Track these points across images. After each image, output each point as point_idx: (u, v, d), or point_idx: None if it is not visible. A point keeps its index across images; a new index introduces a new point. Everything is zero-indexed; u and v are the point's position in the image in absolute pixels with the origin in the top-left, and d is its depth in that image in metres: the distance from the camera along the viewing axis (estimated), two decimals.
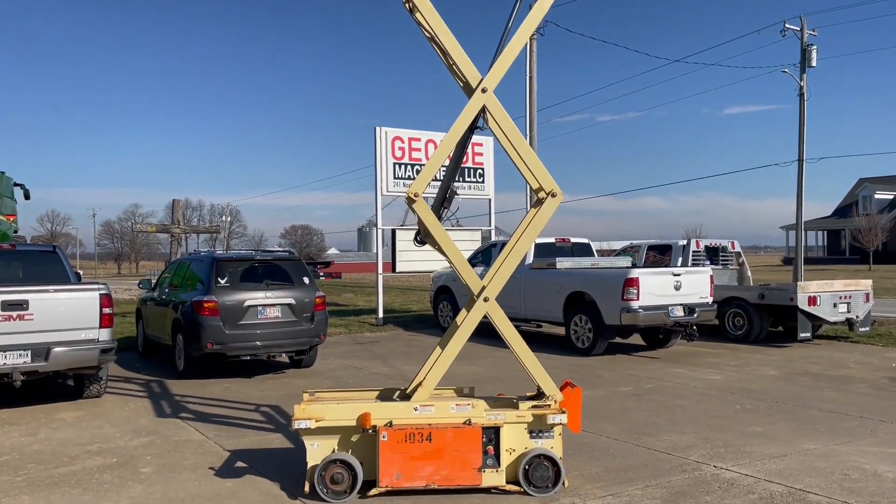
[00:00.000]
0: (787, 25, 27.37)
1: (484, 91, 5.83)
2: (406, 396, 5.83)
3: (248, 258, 11.49)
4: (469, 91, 5.91)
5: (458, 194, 6.62)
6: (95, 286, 8.76)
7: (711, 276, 13.29)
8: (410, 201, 5.72)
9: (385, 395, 6.09)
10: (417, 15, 5.89)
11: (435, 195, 6.53)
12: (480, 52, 6.11)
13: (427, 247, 6.61)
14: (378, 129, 18.99)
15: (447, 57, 5.99)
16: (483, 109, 5.90)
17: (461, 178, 19.52)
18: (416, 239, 6.34)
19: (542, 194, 5.95)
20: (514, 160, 5.98)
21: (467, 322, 5.84)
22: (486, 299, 5.79)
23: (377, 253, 20.06)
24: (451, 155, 6.30)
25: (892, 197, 65.59)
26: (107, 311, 8.64)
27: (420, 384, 5.75)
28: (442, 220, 6.17)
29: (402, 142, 19.27)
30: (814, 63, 27.22)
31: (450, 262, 5.94)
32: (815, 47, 27.25)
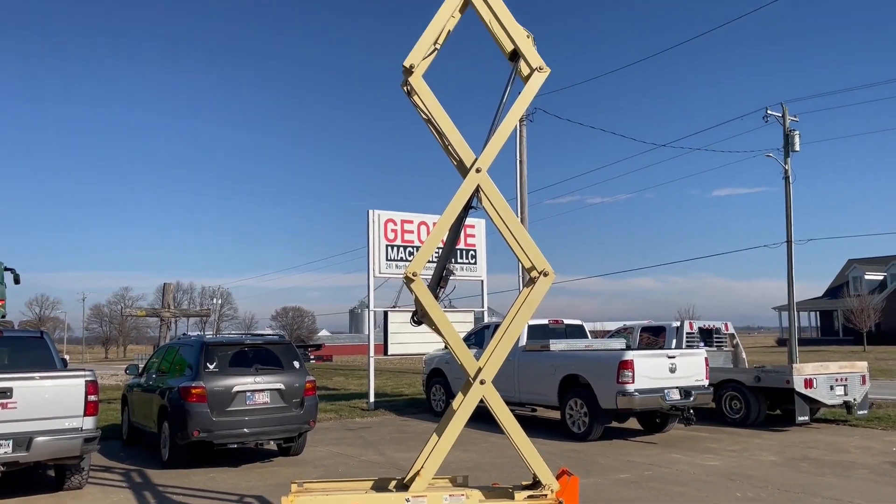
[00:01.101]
0: (769, 112, 28.19)
1: (478, 171, 5.94)
2: (404, 486, 5.65)
3: (237, 342, 11.34)
4: (464, 170, 6.02)
5: (454, 274, 6.65)
6: (81, 373, 8.60)
7: (706, 359, 13.19)
8: (409, 281, 5.72)
9: (380, 486, 5.90)
10: (415, 97, 6.07)
11: (430, 275, 6.54)
12: (474, 135, 6.26)
13: (420, 329, 6.56)
14: (371, 211, 19.18)
15: (443, 138, 6.15)
16: (477, 189, 6.00)
17: (453, 260, 19.60)
18: (413, 319, 6.30)
19: (534, 273, 5.97)
20: (507, 239, 6.04)
21: (464, 406, 5.73)
22: (482, 382, 5.71)
23: (369, 335, 19.90)
24: (445, 236, 6.35)
25: (881, 277, 66.09)
26: (92, 398, 8.44)
27: (417, 473, 5.58)
28: (438, 301, 6.15)
29: (395, 224, 19.45)
30: (797, 148, 27.88)
31: (447, 343, 5.89)
32: (797, 132, 27.97)
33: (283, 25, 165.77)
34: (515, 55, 6.31)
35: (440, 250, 6.70)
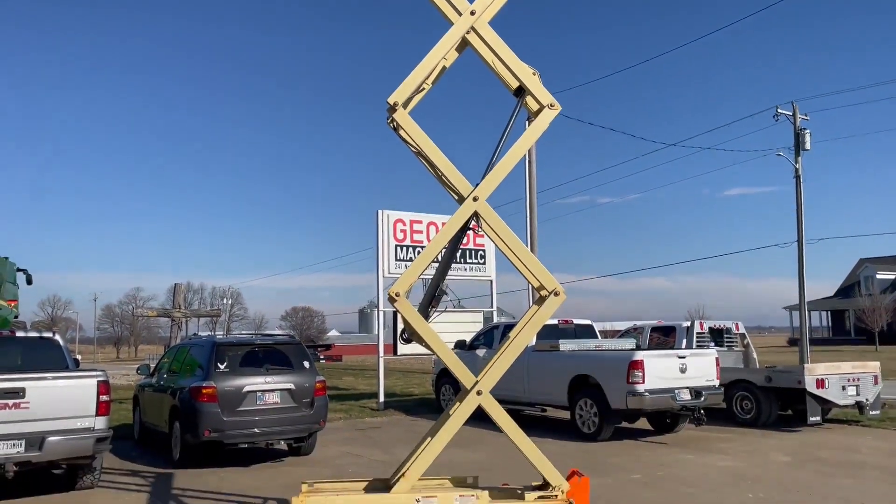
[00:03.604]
0: (779, 111, 27.94)
1: (475, 199, 5.81)
2: (388, 487, 5.65)
3: (248, 342, 11.39)
4: (461, 199, 5.90)
5: (447, 294, 6.55)
6: (93, 373, 8.65)
7: (717, 359, 13.14)
8: (392, 300, 5.69)
9: (374, 486, 5.90)
10: (402, 132, 5.89)
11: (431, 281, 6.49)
12: (465, 161, 6.15)
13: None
14: (380, 211, 19.18)
15: (435, 170, 5.99)
16: (475, 215, 5.89)
17: (462, 260, 19.60)
18: (402, 337, 6.29)
19: (544, 292, 5.92)
20: (513, 262, 5.97)
21: (458, 414, 5.74)
22: (479, 392, 5.70)
23: (378, 335, 19.92)
24: (443, 252, 6.27)
25: (893, 277, 65.57)
26: (104, 398, 8.49)
27: (403, 475, 5.58)
28: (429, 319, 6.06)
29: (404, 224, 19.43)
30: (808, 146, 27.59)
31: (439, 358, 5.87)
32: (807, 131, 27.69)
33: (291, 29, 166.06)
34: (521, 90, 6.08)
35: (437, 266, 6.58)
